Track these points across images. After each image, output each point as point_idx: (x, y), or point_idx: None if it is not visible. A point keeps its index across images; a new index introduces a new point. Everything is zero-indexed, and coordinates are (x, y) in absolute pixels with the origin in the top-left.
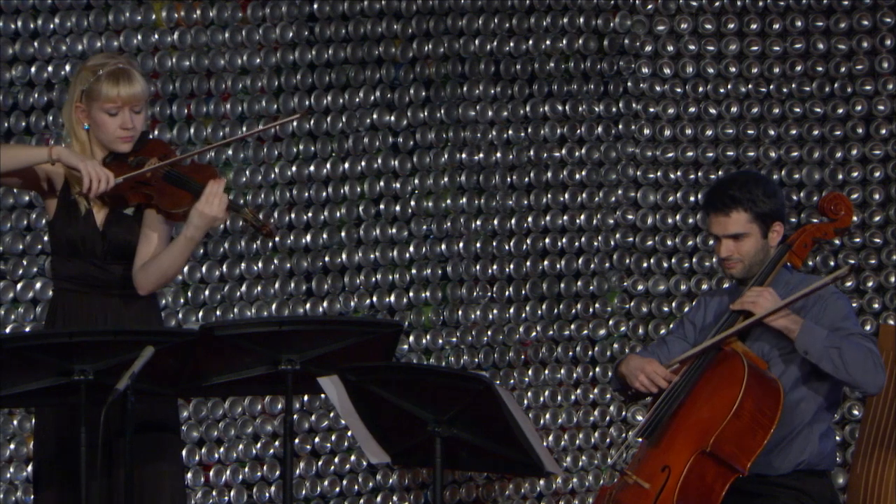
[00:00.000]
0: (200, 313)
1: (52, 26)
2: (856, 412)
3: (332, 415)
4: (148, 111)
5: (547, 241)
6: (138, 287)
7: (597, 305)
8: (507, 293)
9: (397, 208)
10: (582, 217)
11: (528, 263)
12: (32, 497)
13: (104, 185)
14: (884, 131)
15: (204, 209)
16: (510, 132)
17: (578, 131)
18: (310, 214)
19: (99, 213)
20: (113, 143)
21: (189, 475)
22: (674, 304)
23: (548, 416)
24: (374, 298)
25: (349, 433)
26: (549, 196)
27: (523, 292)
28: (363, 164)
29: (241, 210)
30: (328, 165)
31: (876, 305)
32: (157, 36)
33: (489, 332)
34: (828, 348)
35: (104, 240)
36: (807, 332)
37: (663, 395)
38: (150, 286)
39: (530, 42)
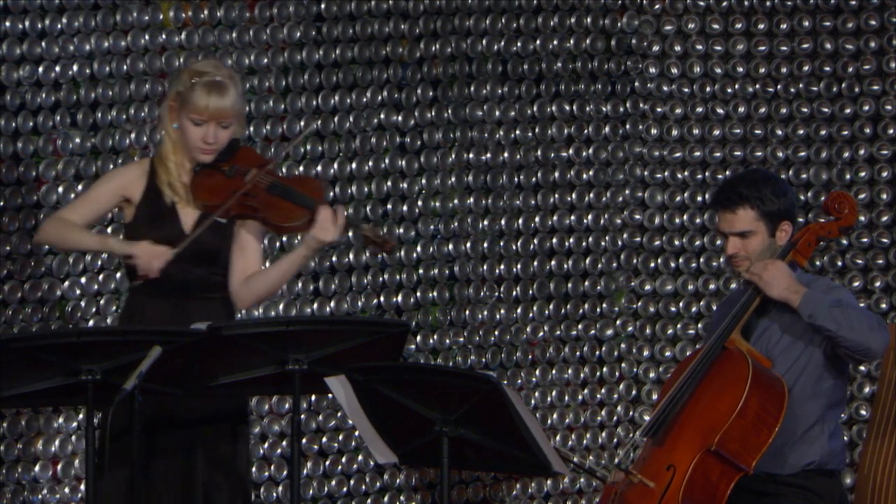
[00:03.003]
0: None
1: (59, 26)
2: (863, 412)
3: (339, 414)
4: (242, 128)
5: (554, 240)
6: (239, 301)
7: (604, 305)
8: (514, 293)
9: (404, 208)
10: (589, 217)
11: (535, 263)
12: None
13: (160, 264)
14: (891, 131)
15: (320, 235)
16: (517, 132)
17: (586, 131)
18: None
19: (188, 216)
20: (193, 151)
21: None
22: (681, 304)
23: (555, 415)
24: (382, 298)
25: (356, 433)
26: (557, 196)
27: (531, 292)
28: (370, 163)
29: (359, 228)
30: (335, 165)
31: (883, 305)
32: (164, 36)
33: (496, 332)
34: (831, 308)
35: (192, 243)
36: (809, 297)
37: (668, 395)
38: (251, 301)
39: (538, 42)
